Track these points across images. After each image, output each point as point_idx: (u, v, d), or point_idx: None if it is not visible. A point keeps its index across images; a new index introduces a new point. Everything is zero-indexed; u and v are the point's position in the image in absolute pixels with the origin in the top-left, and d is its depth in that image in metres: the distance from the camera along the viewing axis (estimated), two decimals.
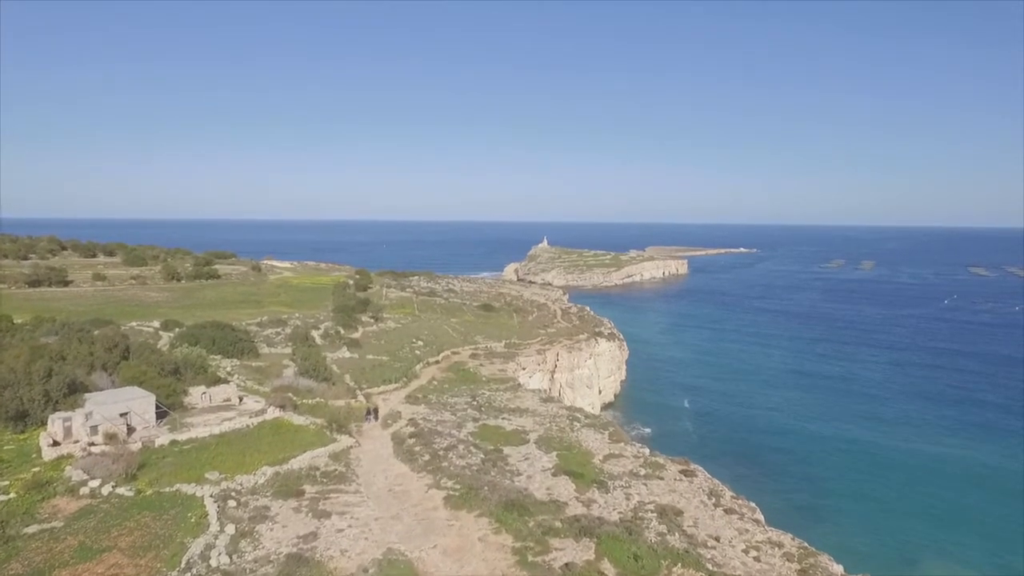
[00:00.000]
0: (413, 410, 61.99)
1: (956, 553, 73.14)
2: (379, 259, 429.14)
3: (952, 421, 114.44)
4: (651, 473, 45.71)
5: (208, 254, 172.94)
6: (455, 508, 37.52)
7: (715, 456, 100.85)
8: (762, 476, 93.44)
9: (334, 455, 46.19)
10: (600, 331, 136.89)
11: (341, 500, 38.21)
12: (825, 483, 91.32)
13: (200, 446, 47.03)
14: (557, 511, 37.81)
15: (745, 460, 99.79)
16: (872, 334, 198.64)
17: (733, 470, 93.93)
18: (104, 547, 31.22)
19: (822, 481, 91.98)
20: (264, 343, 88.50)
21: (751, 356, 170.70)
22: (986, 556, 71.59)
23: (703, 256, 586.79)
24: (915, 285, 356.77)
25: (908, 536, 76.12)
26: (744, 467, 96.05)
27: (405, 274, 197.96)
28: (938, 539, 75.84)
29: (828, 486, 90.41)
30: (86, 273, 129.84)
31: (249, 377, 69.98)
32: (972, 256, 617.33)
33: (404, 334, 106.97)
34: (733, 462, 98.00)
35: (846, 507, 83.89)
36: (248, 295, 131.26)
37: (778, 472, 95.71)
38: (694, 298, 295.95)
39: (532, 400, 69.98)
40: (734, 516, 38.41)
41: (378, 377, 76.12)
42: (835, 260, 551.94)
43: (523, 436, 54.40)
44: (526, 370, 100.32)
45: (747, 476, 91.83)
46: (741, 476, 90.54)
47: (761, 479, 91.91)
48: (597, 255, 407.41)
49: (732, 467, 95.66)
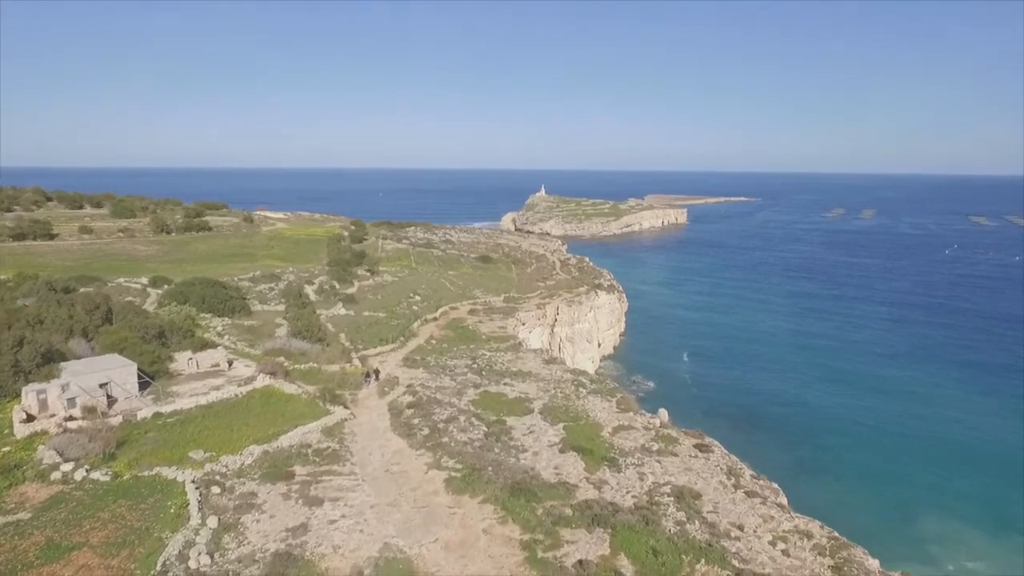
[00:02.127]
0: (411, 375, 59.17)
1: (957, 513, 72.75)
2: (375, 209, 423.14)
3: (953, 381, 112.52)
4: (664, 448, 43.12)
5: (199, 205, 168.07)
6: (457, 493, 34.86)
7: (713, 408, 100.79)
8: (758, 429, 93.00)
9: (327, 430, 43.38)
10: (600, 283, 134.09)
11: (334, 484, 35.46)
12: (820, 439, 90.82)
13: (185, 419, 44.17)
14: (567, 495, 35.18)
15: (742, 413, 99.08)
16: (871, 287, 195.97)
17: (730, 423, 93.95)
18: (74, 544, 28.46)
19: (817, 437, 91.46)
20: (256, 300, 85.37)
21: (749, 308, 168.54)
22: (992, 528, 70.29)
23: (703, 205, 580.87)
24: (915, 235, 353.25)
25: (898, 496, 75.25)
26: (741, 420, 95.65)
27: (401, 225, 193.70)
28: (940, 503, 75.05)
29: (823, 442, 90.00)
30: (72, 226, 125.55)
31: (240, 338, 66.99)
32: (973, 205, 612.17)
33: (401, 288, 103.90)
34: (731, 416, 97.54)
35: (841, 465, 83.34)
36: (240, 248, 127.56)
37: (774, 426, 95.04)
38: (693, 248, 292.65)
39: (534, 362, 67.20)
40: (756, 500, 35.79)
41: (375, 336, 73.22)
42: (835, 209, 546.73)
43: (527, 405, 51.65)
44: (526, 325, 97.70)
45: (743, 428, 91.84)
46: (738, 429, 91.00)
47: (757, 432, 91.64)
48: (596, 204, 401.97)
49: (730, 420, 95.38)
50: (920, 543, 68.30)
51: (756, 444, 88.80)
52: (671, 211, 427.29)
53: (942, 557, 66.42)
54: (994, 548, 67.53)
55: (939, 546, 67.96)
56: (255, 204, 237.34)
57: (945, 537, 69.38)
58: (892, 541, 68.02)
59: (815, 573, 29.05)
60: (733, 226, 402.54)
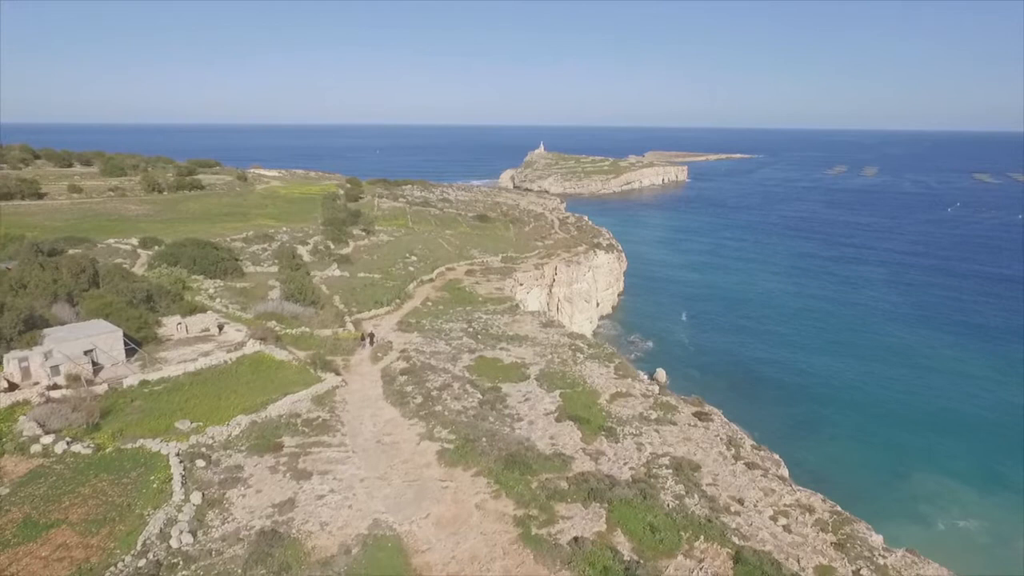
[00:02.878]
0: (406, 339, 57.99)
1: (950, 472, 72.77)
2: (371, 166, 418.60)
3: (951, 343, 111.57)
4: (663, 416, 42.12)
5: (191, 163, 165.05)
6: (450, 465, 33.86)
7: (711, 368, 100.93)
8: (755, 389, 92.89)
9: (317, 398, 42.27)
10: (598, 242, 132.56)
11: (323, 456, 34.45)
12: (816, 399, 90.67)
13: (172, 387, 42.99)
14: (563, 467, 34.22)
15: (740, 373, 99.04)
16: (871, 246, 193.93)
17: (728, 383, 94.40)
18: (52, 521, 27.50)
19: (814, 397, 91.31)
20: (249, 261, 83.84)
21: (748, 268, 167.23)
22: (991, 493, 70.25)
23: (703, 162, 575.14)
24: (917, 192, 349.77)
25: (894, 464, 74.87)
26: (738, 380, 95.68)
27: (398, 183, 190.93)
28: (933, 463, 74.99)
29: (819, 402, 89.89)
30: (61, 184, 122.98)
31: (232, 300, 65.63)
32: (976, 162, 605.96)
33: (397, 248, 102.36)
34: (728, 375, 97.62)
35: (836, 425, 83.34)
36: (233, 207, 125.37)
37: (771, 386, 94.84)
38: (693, 206, 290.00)
39: (531, 324, 66.07)
40: (757, 472, 34.90)
41: (369, 298, 71.93)
42: (837, 166, 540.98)
43: (523, 371, 50.53)
44: (523, 286, 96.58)
45: (740, 388, 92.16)
46: (735, 389, 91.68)
47: (754, 392, 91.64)
48: (595, 161, 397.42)
49: (727, 380, 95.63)
50: (911, 501, 68.28)
51: (753, 403, 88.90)
52: (672, 168, 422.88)
53: (933, 515, 66.39)
54: (986, 506, 67.45)
55: (930, 505, 67.92)
56: (249, 162, 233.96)
57: (937, 496, 69.36)
58: (883, 499, 68.25)
59: (817, 550, 28.25)
60: (734, 184, 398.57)
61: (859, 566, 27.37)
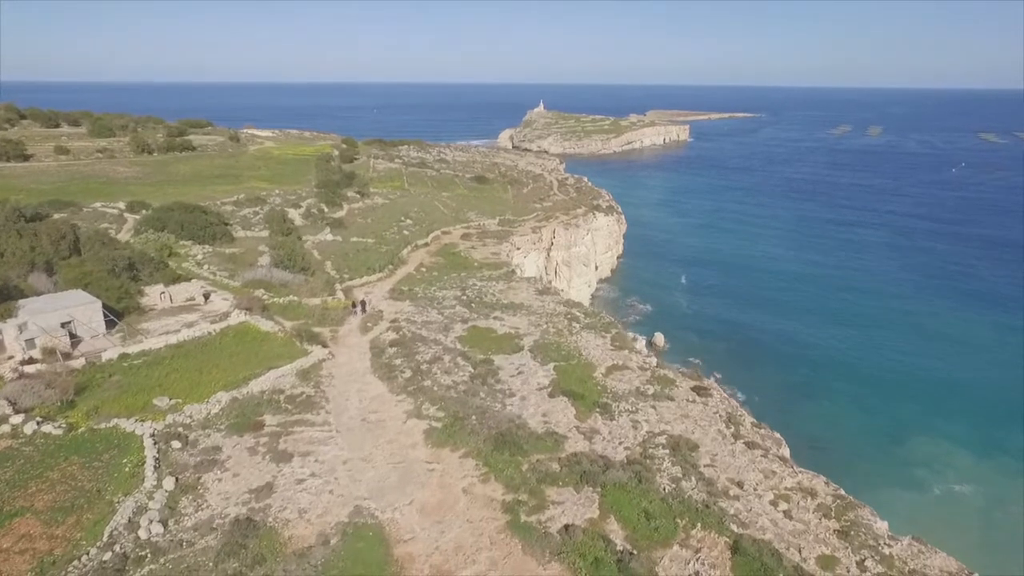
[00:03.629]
0: (397, 308, 56.32)
1: (947, 436, 72.27)
2: (368, 126, 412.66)
3: (952, 308, 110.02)
4: (660, 392, 40.65)
5: (182, 123, 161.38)
6: (437, 446, 32.50)
7: (708, 333, 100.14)
8: (753, 354, 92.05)
9: (302, 372, 40.76)
10: (598, 204, 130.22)
11: (305, 436, 33.05)
12: (814, 364, 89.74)
13: (153, 360, 41.45)
14: (555, 447, 32.83)
15: (737, 337, 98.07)
16: (873, 209, 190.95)
17: (725, 347, 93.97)
18: (17, 509, 26.15)
19: (811, 362, 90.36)
20: (240, 225, 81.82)
21: (749, 231, 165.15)
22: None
23: (706, 121, 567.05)
24: (923, 153, 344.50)
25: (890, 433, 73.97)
26: (735, 345, 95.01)
27: (394, 143, 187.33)
28: (930, 428, 74.36)
29: (816, 367, 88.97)
30: (48, 146, 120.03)
31: (221, 267, 63.81)
32: (981, 121, 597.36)
33: (392, 211, 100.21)
34: (726, 339, 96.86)
35: (833, 391, 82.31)
36: (225, 169, 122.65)
37: (769, 350, 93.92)
38: (695, 167, 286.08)
39: (527, 292, 64.34)
40: (757, 452, 33.47)
41: (362, 264, 70.04)
42: (841, 126, 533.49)
43: (516, 342, 48.92)
44: (521, 250, 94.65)
45: (738, 353, 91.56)
46: (732, 354, 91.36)
47: (752, 357, 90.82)
48: (595, 120, 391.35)
49: (725, 344, 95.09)
50: (907, 466, 67.73)
51: (751, 368, 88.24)
52: (673, 128, 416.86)
53: (929, 480, 65.92)
54: (982, 471, 66.90)
55: (927, 469, 67.37)
56: (243, 122, 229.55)
57: (934, 460, 68.81)
58: (879, 463, 67.67)
59: (820, 538, 26.96)
60: (736, 144, 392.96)
61: (863, 556, 26.09)
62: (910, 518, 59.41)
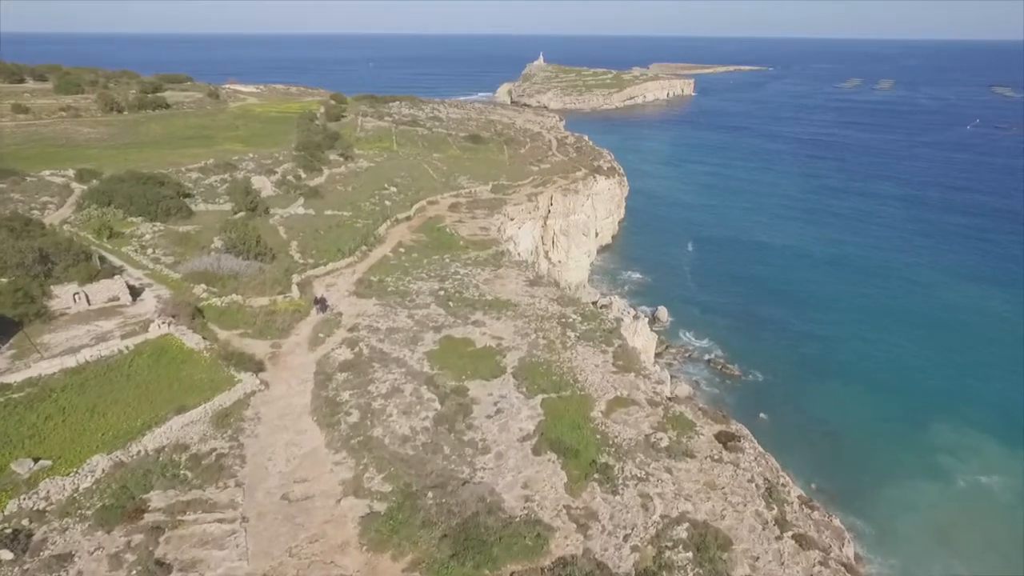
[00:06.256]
0: (360, 309, 48.63)
1: (972, 421, 66.70)
2: (360, 80, 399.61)
3: (972, 278, 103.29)
4: (676, 443, 33.41)
5: (158, 78, 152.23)
6: (375, 548, 25.33)
7: (713, 305, 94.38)
8: (760, 327, 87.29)
9: (220, 416, 33.39)
10: (599, 165, 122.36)
11: (198, 532, 25.66)
12: (826, 338, 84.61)
13: (38, 394, 33.57)
14: (536, 548, 25.66)
15: (744, 310, 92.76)
16: (884, 168, 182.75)
17: (730, 321, 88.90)
18: None
19: (824, 336, 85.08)
20: (202, 197, 74.41)
21: (756, 192, 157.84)
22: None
23: (711, 75, 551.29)
24: (935, 109, 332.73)
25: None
26: (742, 317, 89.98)
27: (385, 99, 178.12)
28: (954, 410, 68.71)
29: (829, 340, 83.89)
30: (5, 104, 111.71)
31: (168, 251, 56.44)
32: (996, 74, 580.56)
33: (376, 177, 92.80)
34: (731, 313, 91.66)
35: (847, 367, 77.08)
36: (200, 129, 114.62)
37: (778, 323, 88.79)
38: (700, 123, 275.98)
39: (516, 283, 57.02)
40: (813, 554, 26.20)
41: (332, 245, 62.58)
42: (851, 80, 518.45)
43: (498, 360, 41.55)
44: (514, 220, 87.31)
45: (745, 327, 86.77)
46: (739, 328, 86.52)
47: (759, 331, 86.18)
48: (597, 74, 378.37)
49: (730, 319, 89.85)
50: (930, 452, 62.08)
51: (758, 343, 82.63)
52: (677, 82, 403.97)
53: (953, 469, 60.21)
54: (1011, 462, 60.89)
55: (951, 456, 61.70)
56: (226, 76, 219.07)
57: (958, 447, 62.98)
58: (899, 450, 61.71)
59: None
60: (742, 99, 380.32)
61: None
62: (933, 511, 54.86)
